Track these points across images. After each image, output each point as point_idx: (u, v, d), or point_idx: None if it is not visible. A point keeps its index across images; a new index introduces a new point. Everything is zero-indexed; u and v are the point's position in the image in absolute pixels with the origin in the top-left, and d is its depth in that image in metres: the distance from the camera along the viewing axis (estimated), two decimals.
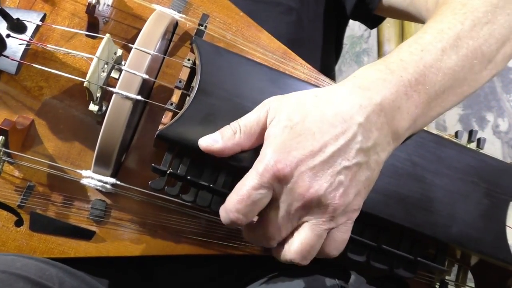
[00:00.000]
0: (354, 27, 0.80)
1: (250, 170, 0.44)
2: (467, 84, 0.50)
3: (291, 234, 0.46)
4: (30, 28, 0.50)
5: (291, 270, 0.58)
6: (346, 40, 0.85)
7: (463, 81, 0.49)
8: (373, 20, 0.79)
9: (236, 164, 0.48)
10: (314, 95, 0.46)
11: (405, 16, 0.72)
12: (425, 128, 0.54)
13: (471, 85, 0.51)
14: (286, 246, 0.46)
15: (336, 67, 0.92)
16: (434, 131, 0.56)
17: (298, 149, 0.43)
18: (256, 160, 0.44)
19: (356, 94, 0.45)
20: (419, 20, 0.70)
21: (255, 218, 0.47)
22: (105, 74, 0.50)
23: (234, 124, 0.47)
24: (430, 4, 0.63)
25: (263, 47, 0.59)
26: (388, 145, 0.46)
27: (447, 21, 0.49)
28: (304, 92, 0.46)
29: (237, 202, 0.44)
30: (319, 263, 0.59)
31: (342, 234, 0.46)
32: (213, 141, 0.46)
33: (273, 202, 0.45)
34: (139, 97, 0.48)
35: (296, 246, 0.45)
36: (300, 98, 0.46)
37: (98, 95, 0.50)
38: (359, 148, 0.43)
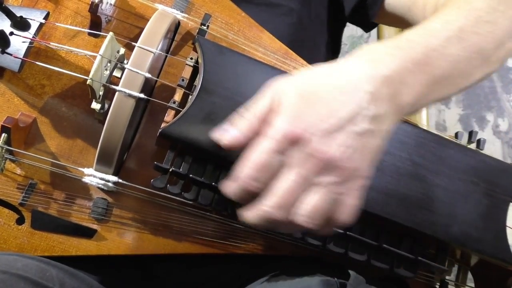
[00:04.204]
0: (354, 27, 0.81)
1: (261, 137, 0.44)
2: (465, 77, 0.52)
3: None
4: (33, 26, 0.50)
5: (292, 269, 0.58)
6: (346, 40, 0.85)
7: (462, 72, 0.51)
8: (369, 25, 0.80)
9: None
10: (324, 68, 0.47)
11: (401, 23, 0.74)
12: (425, 128, 0.54)
13: (467, 78, 0.52)
14: (293, 210, 0.45)
15: None
16: (434, 131, 0.56)
17: (310, 114, 0.44)
18: (268, 127, 0.44)
19: (365, 66, 0.46)
20: None
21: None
22: (108, 72, 0.50)
23: (245, 112, 0.47)
24: (428, 13, 0.65)
25: (265, 47, 0.59)
26: (394, 118, 0.47)
27: (453, 14, 0.51)
28: (313, 68, 0.47)
29: (248, 168, 0.44)
30: (319, 262, 0.59)
31: (352, 199, 0.46)
32: (224, 131, 0.46)
33: (285, 168, 0.44)
34: (141, 95, 0.48)
35: (306, 210, 0.45)
36: (309, 72, 0.47)
37: (101, 93, 0.50)
38: (368, 116, 0.44)
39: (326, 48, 0.80)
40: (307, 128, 0.43)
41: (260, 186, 0.45)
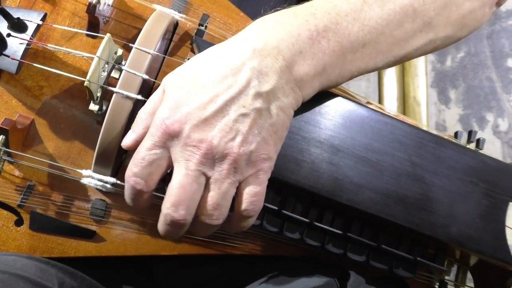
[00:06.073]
0: None
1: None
2: (396, 44, 0.47)
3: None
4: (31, 28, 0.50)
5: (291, 269, 0.58)
6: None
7: (390, 38, 0.46)
8: None
9: None
10: (210, 50, 0.44)
11: None
12: (425, 128, 0.54)
13: (402, 45, 0.48)
14: (193, 209, 0.43)
15: None
16: (434, 131, 0.56)
17: (187, 104, 0.42)
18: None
19: (250, 40, 0.43)
20: None
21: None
22: (105, 73, 0.50)
23: (140, 112, 0.46)
24: None
25: None
26: (293, 91, 0.44)
27: None
28: (202, 52, 0.45)
29: (133, 166, 0.43)
30: (318, 263, 0.59)
31: (254, 187, 0.43)
32: (126, 139, 0.46)
33: (175, 163, 0.43)
34: (139, 97, 0.48)
35: (203, 207, 0.43)
36: (194, 58, 0.44)
37: (99, 94, 0.50)
38: (255, 93, 0.42)
39: None
40: (184, 120, 0.41)
41: (146, 184, 0.43)
